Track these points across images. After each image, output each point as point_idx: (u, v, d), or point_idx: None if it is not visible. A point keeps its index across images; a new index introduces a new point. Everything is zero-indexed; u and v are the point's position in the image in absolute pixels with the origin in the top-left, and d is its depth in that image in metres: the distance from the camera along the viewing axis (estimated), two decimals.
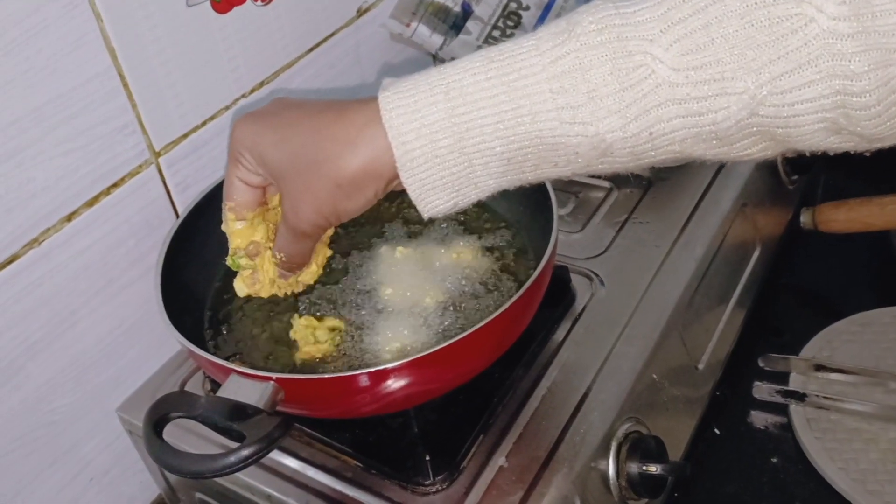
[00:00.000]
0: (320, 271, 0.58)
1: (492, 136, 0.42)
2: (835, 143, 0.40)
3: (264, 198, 0.53)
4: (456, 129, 0.43)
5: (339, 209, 0.47)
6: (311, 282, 0.58)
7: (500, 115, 0.42)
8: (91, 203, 0.63)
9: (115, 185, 0.65)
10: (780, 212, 0.88)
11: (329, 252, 0.58)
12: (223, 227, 0.54)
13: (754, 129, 0.40)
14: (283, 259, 0.53)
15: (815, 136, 0.40)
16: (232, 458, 0.46)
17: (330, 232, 0.56)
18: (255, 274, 0.55)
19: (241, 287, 0.56)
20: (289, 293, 0.58)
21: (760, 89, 0.38)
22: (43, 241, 0.61)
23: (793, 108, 0.39)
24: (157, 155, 0.68)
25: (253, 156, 0.48)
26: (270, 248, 0.54)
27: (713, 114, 0.40)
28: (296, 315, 0.62)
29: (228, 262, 0.56)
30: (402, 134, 0.43)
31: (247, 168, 0.50)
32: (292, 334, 0.61)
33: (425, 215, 0.47)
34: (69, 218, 0.62)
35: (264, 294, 0.56)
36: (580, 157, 0.42)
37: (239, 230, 0.53)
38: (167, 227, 0.66)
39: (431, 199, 0.46)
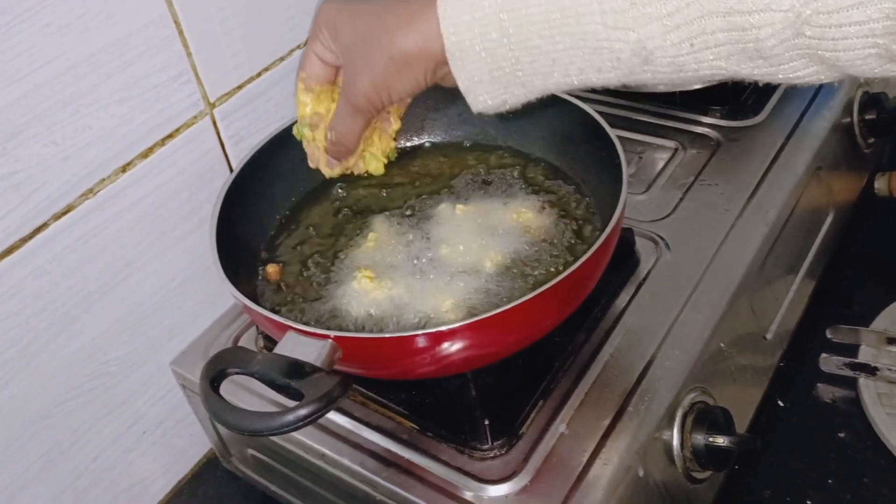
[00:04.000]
0: (383, 161, 0.60)
1: (538, 35, 0.44)
2: (893, 71, 0.39)
3: (335, 78, 0.57)
4: (504, 25, 0.44)
5: (390, 84, 0.50)
6: (378, 171, 0.60)
7: (546, 15, 0.43)
8: (146, 154, 0.62)
9: (169, 136, 0.64)
10: (855, 177, 0.84)
11: (393, 144, 0.61)
12: (295, 97, 0.58)
13: (801, 50, 0.39)
14: (334, 140, 0.56)
15: (868, 63, 0.39)
16: (290, 417, 0.45)
17: (396, 126, 0.59)
18: (311, 146, 0.59)
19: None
20: (346, 172, 0.60)
21: (805, 7, 0.37)
22: (98, 191, 0.60)
23: (840, 31, 0.37)
24: (212, 106, 0.66)
25: (329, 31, 0.53)
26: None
27: (756, 30, 0.39)
28: (360, 269, 0.61)
29: (294, 131, 0.60)
30: (453, 23, 0.45)
31: (322, 44, 0.54)
32: (355, 285, 0.60)
33: (475, 109, 0.49)
34: (124, 169, 0.61)
35: (325, 171, 0.60)
36: (622, 63, 0.43)
37: (305, 100, 0.57)
38: (221, 179, 0.65)
39: (479, 93, 0.48)
